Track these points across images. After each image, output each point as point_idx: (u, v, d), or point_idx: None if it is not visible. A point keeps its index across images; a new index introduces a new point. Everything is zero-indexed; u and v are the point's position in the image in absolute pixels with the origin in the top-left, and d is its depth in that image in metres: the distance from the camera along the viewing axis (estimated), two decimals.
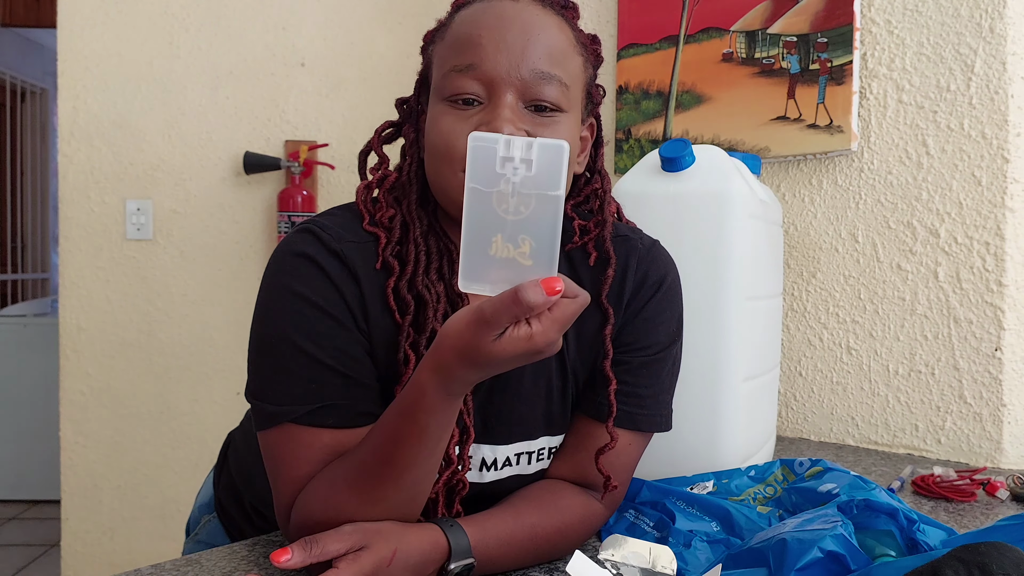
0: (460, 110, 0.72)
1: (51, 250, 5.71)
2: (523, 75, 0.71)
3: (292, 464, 0.71)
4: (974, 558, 0.55)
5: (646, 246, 0.85)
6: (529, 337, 0.57)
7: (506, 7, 0.73)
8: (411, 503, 0.69)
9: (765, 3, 1.46)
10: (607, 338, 0.81)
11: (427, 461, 0.66)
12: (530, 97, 0.72)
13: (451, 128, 0.71)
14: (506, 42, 0.71)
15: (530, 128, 0.71)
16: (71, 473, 2.16)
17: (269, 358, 0.72)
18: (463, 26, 0.74)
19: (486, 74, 0.70)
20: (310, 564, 0.64)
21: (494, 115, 0.70)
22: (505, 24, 0.71)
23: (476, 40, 0.71)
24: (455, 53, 0.73)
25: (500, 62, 0.70)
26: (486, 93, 0.71)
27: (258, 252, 2.19)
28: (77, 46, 2.11)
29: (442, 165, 0.72)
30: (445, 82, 0.72)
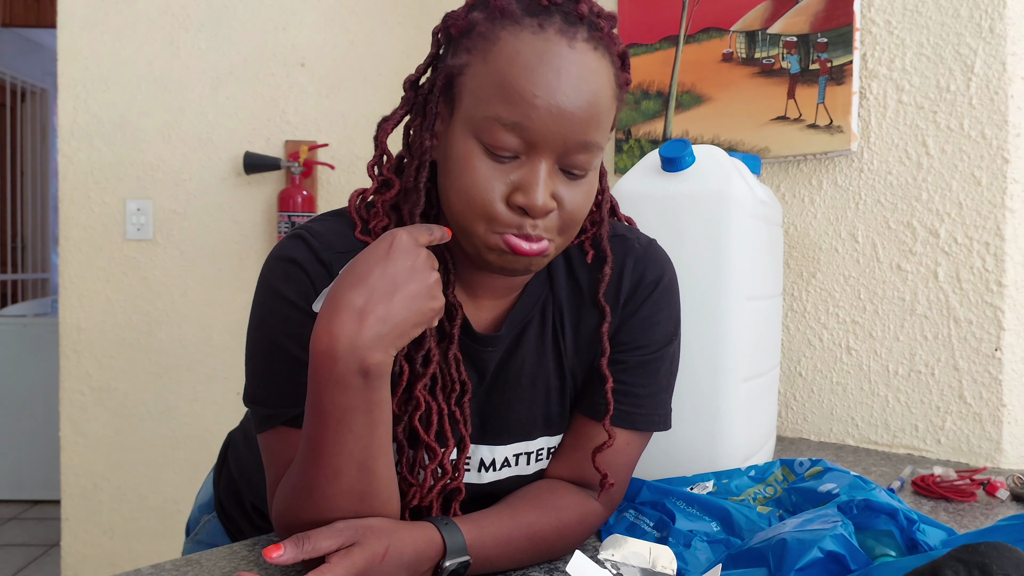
0: (495, 161, 0.68)
1: (51, 250, 5.71)
2: (568, 143, 0.68)
3: (281, 465, 0.72)
4: (974, 558, 0.55)
5: (643, 245, 0.85)
6: None
7: (564, 56, 0.67)
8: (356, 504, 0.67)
9: (765, 3, 1.46)
10: (604, 336, 0.81)
11: (342, 446, 0.64)
12: (566, 163, 0.69)
13: (489, 185, 0.68)
14: (560, 106, 0.66)
15: (559, 190, 0.70)
16: (71, 473, 2.16)
17: (261, 362, 0.73)
18: (513, 69, 0.67)
19: (532, 136, 0.67)
20: (303, 560, 0.64)
21: (532, 183, 0.68)
22: (561, 83, 0.66)
23: (528, 98, 0.66)
24: (502, 101, 0.67)
25: (549, 127, 0.67)
26: (525, 149, 0.68)
27: (258, 252, 2.19)
28: (77, 46, 2.10)
29: (473, 219, 0.69)
30: (485, 125, 0.68)
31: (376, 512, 0.69)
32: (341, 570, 0.63)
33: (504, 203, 0.68)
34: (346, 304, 0.62)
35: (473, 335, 0.78)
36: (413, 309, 0.64)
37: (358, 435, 0.65)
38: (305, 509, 0.67)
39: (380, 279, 0.63)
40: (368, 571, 0.64)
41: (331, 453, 0.65)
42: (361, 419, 0.64)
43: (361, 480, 0.67)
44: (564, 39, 0.67)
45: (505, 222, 0.68)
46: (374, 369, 0.63)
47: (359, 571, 0.64)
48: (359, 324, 0.62)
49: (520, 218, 0.69)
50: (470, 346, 0.78)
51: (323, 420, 0.64)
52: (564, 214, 0.70)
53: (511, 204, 0.68)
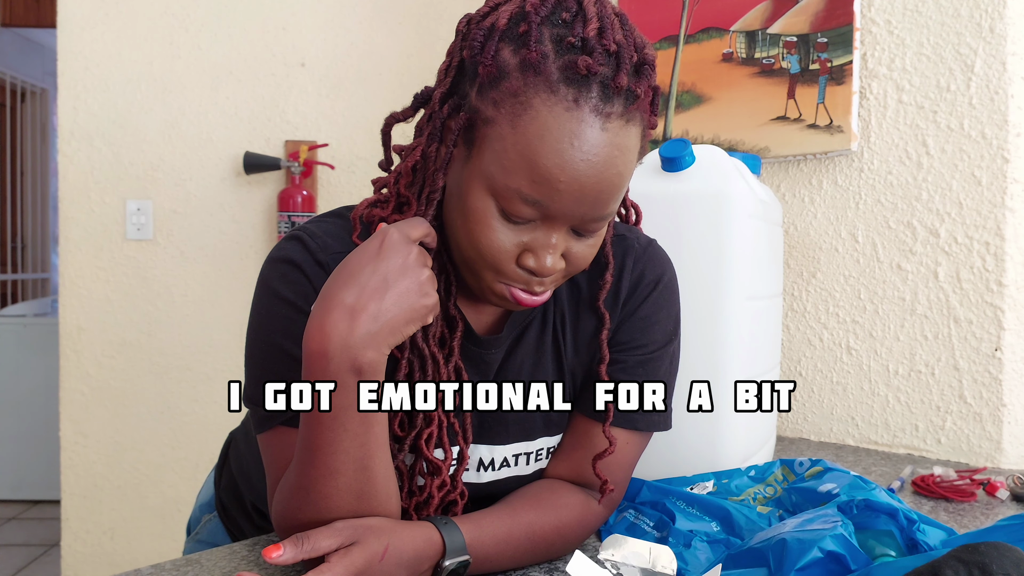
0: (512, 224, 0.68)
1: (51, 250, 5.71)
2: (586, 217, 0.68)
3: (281, 465, 0.72)
4: (974, 558, 0.55)
5: (642, 245, 0.85)
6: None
7: (595, 140, 0.64)
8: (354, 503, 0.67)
9: (765, 3, 1.46)
10: (603, 343, 0.81)
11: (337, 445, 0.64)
12: (580, 229, 0.70)
13: (501, 240, 0.68)
14: (583, 190, 0.65)
15: (569, 247, 0.70)
16: (71, 473, 2.16)
17: (259, 362, 0.73)
18: (543, 149, 0.64)
19: (550, 213, 0.67)
20: (302, 560, 0.64)
21: (544, 246, 0.68)
22: (589, 168, 0.64)
23: (554, 183, 0.64)
24: (526, 178, 0.65)
25: (569, 206, 0.66)
26: (541, 218, 0.68)
27: (258, 252, 2.19)
28: (77, 46, 2.10)
29: (481, 267, 0.70)
30: (506, 194, 0.66)
31: (375, 511, 0.69)
32: (340, 569, 0.63)
33: (514, 261, 0.69)
34: (338, 303, 0.62)
35: (475, 339, 0.78)
36: (405, 306, 0.64)
37: (354, 433, 0.65)
38: (303, 509, 0.67)
39: (371, 277, 0.63)
40: (368, 570, 0.64)
41: (327, 452, 0.65)
42: (356, 417, 0.64)
43: (359, 479, 0.66)
44: (599, 119, 0.64)
45: (512, 275, 0.70)
46: (367, 367, 0.63)
47: (358, 570, 0.64)
48: (351, 322, 0.62)
49: (528, 276, 0.70)
50: (472, 349, 0.78)
51: (318, 419, 0.64)
52: (571, 266, 0.72)
53: (521, 264, 0.69)
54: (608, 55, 0.64)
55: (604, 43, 0.64)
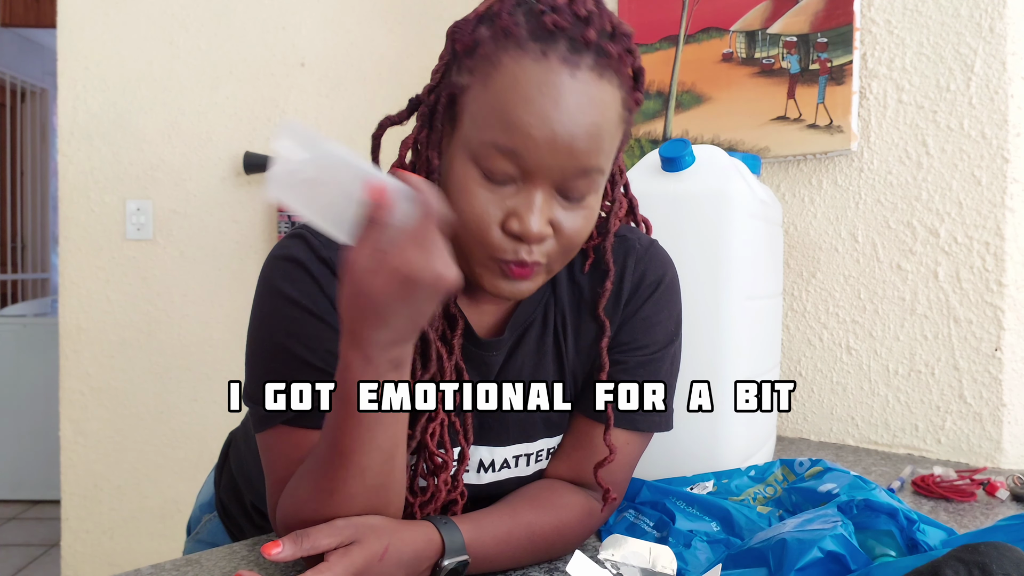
0: (491, 185, 0.68)
1: (51, 250, 5.71)
2: (565, 171, 0.67)
3: (282, 465, 0.72)
4: (974, 558, 0.55)
5: (643, 246, 0.85)
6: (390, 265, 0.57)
7: (564, 86, 0.65)
8: (372, 497, 0.67)
9: (765, 3, 1.46)
10: (603, 351, 0.80)
11: (372, 443, 0.64)
12: (564, 190, 0.69)
13: (485, 210, 0.68)
14: (557, 136, 0.66)
15: (556, 216, 0.69)
16: (71, 473, 2.16)
17: (261, 361, 0.73)
18: (513, 97, 0.65)
19: (527, 165, 0.67)
20: (302, 558, 0.64)
21: (527, 210, 0.67)
22: (560, 113, 0.65)
23: (525, 128, 0.65)
24: (499, 127, 0.66)
25: (545, 157, 0.66)
26: (521, 176, 0.68)
27: (258, 252, 2.19)
28: (77, 46, 2.10)
29: (470, 242, 0.69)
30: (482, 150, 0.67)
31: (388, 503, 0.69)
32: (340, 569, 0.63)
33: (500, 228, 0.68)
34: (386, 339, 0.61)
35: (476, 341, 0.78)
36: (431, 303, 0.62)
37: (387, 426, 0.64)
38: (322, 511, 0.67)
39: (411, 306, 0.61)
40: (367, 570, 0.64)
41: (361, 452, 0.64)
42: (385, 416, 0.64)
43: (383, 473, 0.66)
44: (566, 68, 0.65)
45: (500, 248, 0.68)
46: (405, 361, 0.63)
47: (358, 570, 0.64)
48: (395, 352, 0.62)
49: (515, 244, 0.68)
50: (473, 351, 0.78)
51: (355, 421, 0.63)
52: (562, 240, 0.70)
53: (507, 230, 0.68)
54: (577, 18, 0.66)
55: (574, 8, 0.67)
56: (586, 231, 0.72)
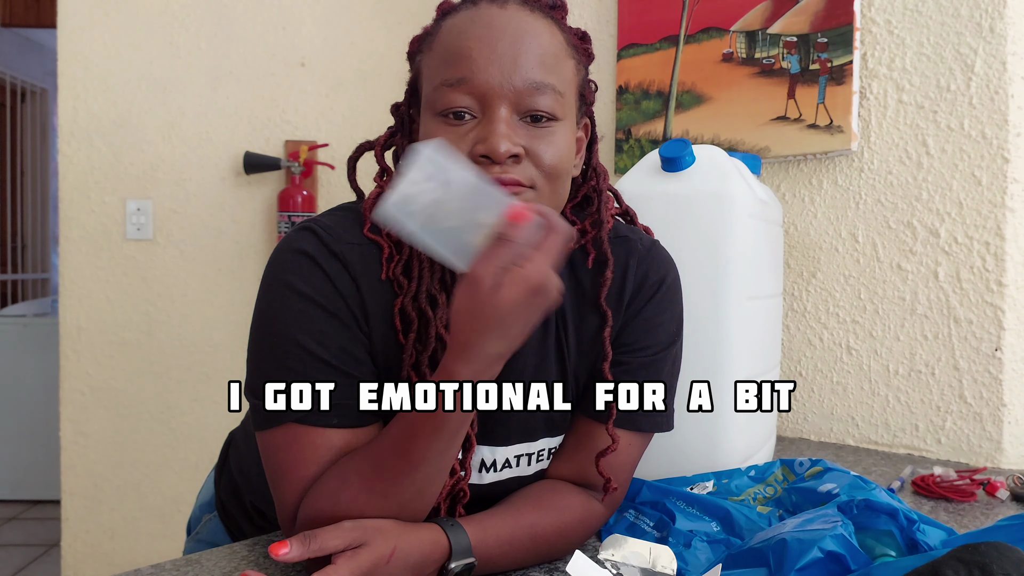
0: (453, 125, 0.70)
1: (51, 250, 5.70)
2: (516, 86, 0.69)
3: (298, 465, 0.70)
4: (974, 558, 0.55)
5: (645, 246, 0.85)
6: (522, 275, 0.59)
7: (494, 15, 0.71)
8: (420, 501, 0.69)
9: (765, 3, 1.46)
10: (606, 340, 0.80)
11: (443, 455, 0.67)
12: (524, 108, 0.70)
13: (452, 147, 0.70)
14: (497, 52, 0.69)
15: (526, 141, 0.70)
16: (71, 473, 2.16)
17: (271, 356, 0.71)
18: (451, 37, 0.71)
19: (478, 87, 0.69)
20: (308, 559, 0.64)
21: (489, 130, 0.69)
22: (495, 33, 0.70)
23: (466, 52, 0.69)
24: (445, 66, 0.71)
25: (492, 74, 0.69)
26: (479, 106, 0.70)
27: (258, 252, 2.19)
28: (77, 46, 2.10)
29: None
30: (436, 96, 0.71)
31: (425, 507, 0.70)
32: (346, 571, 0.62)
33: (468, 158, 0.69)
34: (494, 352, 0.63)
35: None
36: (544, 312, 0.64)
37: (461, 435, 0.67)
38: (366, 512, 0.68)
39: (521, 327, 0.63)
40: (374, 572, 0.64)
41: (433, 460, 0.66)
42: (465, 427, 0.67)
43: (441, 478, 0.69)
44: (494, 6, 0.71)
45: None
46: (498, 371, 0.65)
47: (365, 572, 0.63)
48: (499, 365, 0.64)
49: (486, 167, 0.69)
50: None
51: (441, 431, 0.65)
52: (540, 163, 0.71)
53: (475, 158, 0.69)
54: None
55: None
56: (564, 156, 0.73)
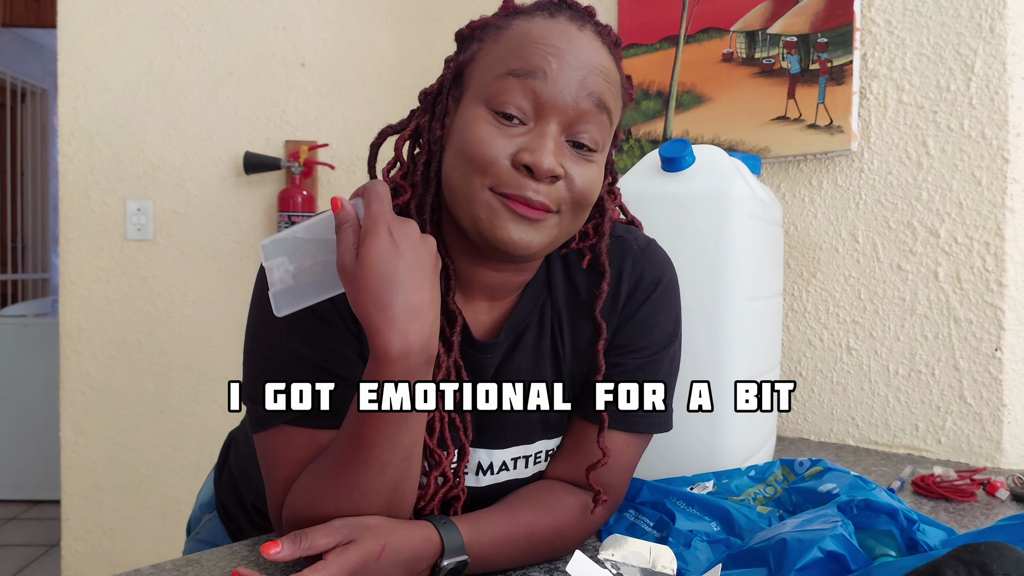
0: (502, 124, 0.69)
1: (51, 250, 5.71)
2: (579, 104, 0.68)
3: (285, 465, 0.72)
4: (974, 558, 0.55)
5: (641, 247, 0.84)
6: (369, 236, 0.63)
7: (573, 33, 0.70)
8: (391, 492, 0.68)
9: (765, 3, 1.46)
10: (599, 354, 0.80)
11: (395, 438, 0.65)
12: (574, 132, 0.70)
13: (490, 141, 0.68)
14: (570, 66, 0.68)
15: (567, 164, 0.69)
16: (71, 473, 2.16)
17: (261, 360, 0.73)
18: (527, 35, 0.70)
19: (543, 92, 0.68)
20: (300, 557, 0.64)
21: (539, 144, 0.67)
22: (572, 49, 0.69)
23: (541, 52, 0.68)
24: (515, 57, 0.69)
25: (560, 84, 0.68)
26: (534, 114, 0.69)
27: (258, 252, 2.19)
28: (77, 46, 2.10)
29: (472, 175, 0.69)
30: (496, 85, 0.69)
31: (404, 502, 0.70)
32: (336, 568, 0.63)
33: (508, 162, 0.68)
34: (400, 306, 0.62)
35: (472, 342, 0.78)
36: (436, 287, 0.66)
37: (411, 424, 0.66)
38: (339, 507, 0.67)
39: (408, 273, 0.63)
40: (364, 569, 0.64)
41: (384, 448, 0.65)
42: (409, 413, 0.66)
43: (402, 469, 0.68)
44: (574, 25, 0.71)
45: (507, 179, 0.68)
46: (433, 357, 0.65)
47: (355, 569, 0.64)
48: (421, 321, 0.63)
49: (523, 179, 0.68)
50: (468, 353, 0.78)
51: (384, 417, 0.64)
52: (574, 189, 0.70)
53: (516, 164, 0.68)
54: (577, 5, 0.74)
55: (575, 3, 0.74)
56: (596, 188, 0.72)
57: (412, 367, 0.64)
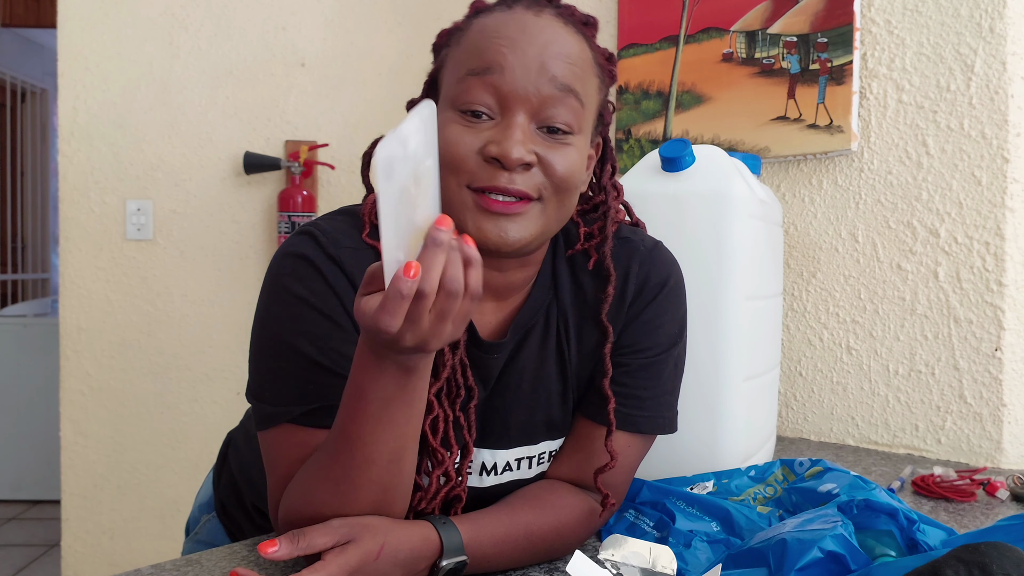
0: (470, 124, 0.69)
1: (51, 250, 5.71)
2: (541, 91, 0.69)
3: (287, 463, 0.72)
4: (974, 558, 0.55)
5: (647, 248, 0.84)
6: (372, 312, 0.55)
7: (529, 20, 0.71)
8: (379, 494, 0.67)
9: (765, 3, 1.46)
10: (606, 356, 0.80)
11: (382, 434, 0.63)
12: (543, 118, 0.70)
13: (459, 139, 0.69)
14: (527, 55, 0.69)
15: (540, 151, 0.69)
16: (71, 473, 2.16)
17: (268, 359, 0.73)
18: (483, 33, 0.71)
19: (503, 86, 0.68)
20: (301, 557, 0.64)
21: (505, 135, 0.68)
22: (527, 38, 0.69)
23: (496, 47, 0.69)
24: (472, 57, 0.70)
25: (518, 74, 0.68)
26: (499, 108, 0.69)
27: (258, 252, 2.19)
28: (77, 46, 2.10)
29: (448, 177, 0.69)
30: (459, 87, 0.70)
31: (393, 506, 0.69)
32: (335, 567, 0.63)
33: (479, 156, 0.69)
34: None
35: (478, 342, 0.78)
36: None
37: (397, 423, 0.64)
38: (328, 502, 0.67)
39: None
40: (362, 568, 0.64)
41: (366, 442, 0.64)
42: (403, 408, 0.63)
43: (389, 471, 0.66)
44: (530, 12, 0.71)
45: (479, 174, 0.68)
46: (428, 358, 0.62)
47: (353, 568, 0.64)
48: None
49: (495, 171, 0.68)
50: (474, 353, 0.78)
51: (364, 406, 0.62)
52: (551, 173, 0.70)
53: (486, 157, 0.68)
54: None
55: None
56: (576, 171, 0.72)
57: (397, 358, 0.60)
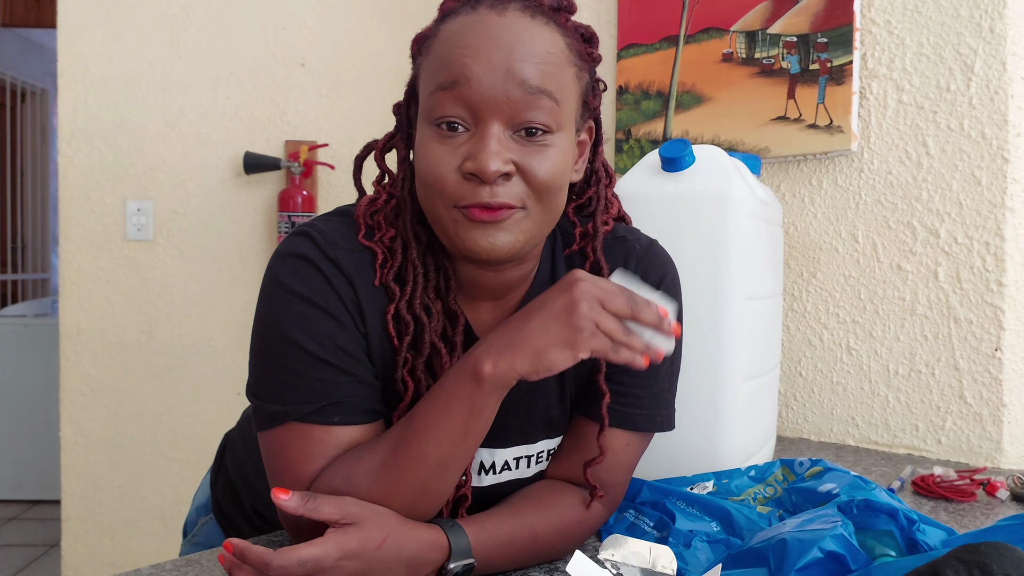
0: (446, 138, 0.69)
1: (51, 250, 5.71)
2: (511, 97, 0.67)
3: (301, 461, 0.71)
4: (974, 558, 0.55)
5: (643, 247, 0.84)
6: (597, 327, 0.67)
7: (492, 23, 0.69)
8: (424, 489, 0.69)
9: (765, 3, 1.46)
10: None
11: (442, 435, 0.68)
12: (519, 122, 0.68)
13: (439, 159, 0.69)
14: (492, 62, 0.67)
15: (518, 157, 0.68)
16: (71, 473, 2.16)
17: (272, 358, 0.73)
18: (448, 43, 0.70)
19: (471, 97, 0.67)
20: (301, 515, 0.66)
21: (480, 147, 0.67)
22: (491, 43, 0.68)
23: (460, 58, 0.68)
24: (440, 70, 0.69)
25: (485, 84, 0.67)
26: (472, 118, 0.68)
27: (258, 252, 2.19)
28: (77, 46, 2.10)
29: (433, 198, 0.70)
30: (431, 102, 0.69)
31: (424, 511, 0.70)
32: (332, 546, 0.63)
33: (457, 174, 0.68)
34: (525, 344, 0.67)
35: (475, 340, 0.78)
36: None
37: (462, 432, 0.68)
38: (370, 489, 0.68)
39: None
40: (361, 554, 0.65)
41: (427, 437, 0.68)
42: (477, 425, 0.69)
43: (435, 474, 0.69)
44: (494, 12, 0.69)
45: (461, 193, 0.68)
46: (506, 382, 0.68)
47: (351, 551, 0.64)
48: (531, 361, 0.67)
49: (476, 187, 0.68)
50: None
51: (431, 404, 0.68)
52: (531, 180, 0.69)
53: (465, 175, 0.68)
54: None
55: None
56: (558, 174, 0.71)
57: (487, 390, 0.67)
